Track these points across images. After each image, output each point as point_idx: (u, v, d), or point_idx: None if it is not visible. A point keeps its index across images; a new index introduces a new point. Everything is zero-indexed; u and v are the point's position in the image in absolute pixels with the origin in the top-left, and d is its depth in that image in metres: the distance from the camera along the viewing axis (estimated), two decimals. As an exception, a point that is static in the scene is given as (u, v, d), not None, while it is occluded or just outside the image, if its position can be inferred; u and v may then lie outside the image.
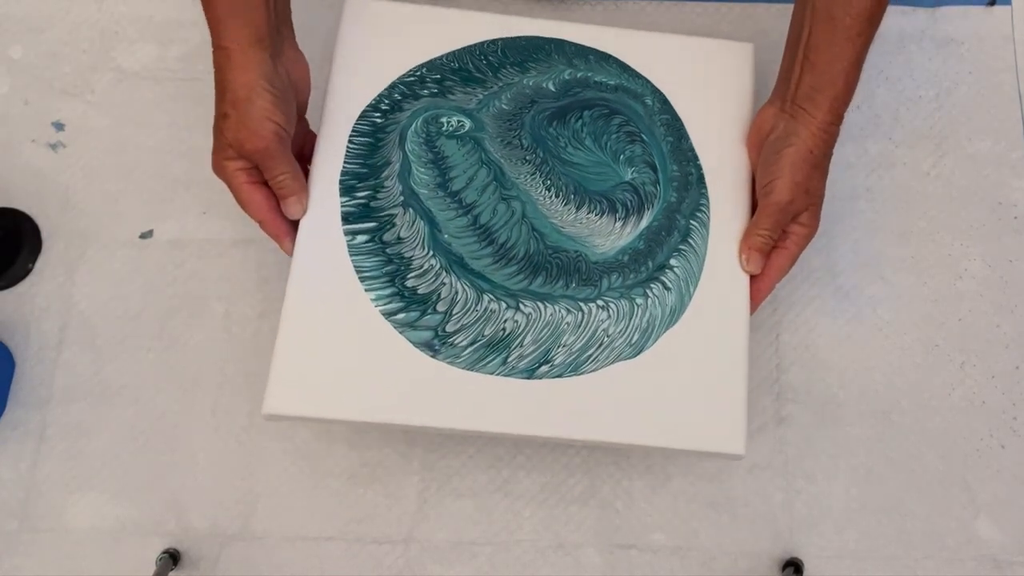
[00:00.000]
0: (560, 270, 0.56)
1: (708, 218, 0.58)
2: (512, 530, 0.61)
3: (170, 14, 0.73)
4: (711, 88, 0.61)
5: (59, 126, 0.70)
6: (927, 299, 0.64)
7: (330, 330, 0.54)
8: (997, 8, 0.71)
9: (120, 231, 0.67)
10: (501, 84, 0.61)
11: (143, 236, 0.67)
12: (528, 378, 0.54)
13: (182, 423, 0.63)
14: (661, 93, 0.61)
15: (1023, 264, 0.65)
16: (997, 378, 0.62)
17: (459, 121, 0.59)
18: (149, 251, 0.67)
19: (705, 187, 0.59)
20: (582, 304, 0.56)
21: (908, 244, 0.65)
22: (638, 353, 0.55)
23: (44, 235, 0.68)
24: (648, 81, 0.62)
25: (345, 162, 0.58)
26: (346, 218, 0.56)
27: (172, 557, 0.59)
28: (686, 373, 0.54)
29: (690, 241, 0.58)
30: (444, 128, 0.59)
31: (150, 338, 0.65)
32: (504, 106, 0.60)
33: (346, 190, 0.57)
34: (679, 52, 0.62)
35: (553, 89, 0.61)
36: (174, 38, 0.72)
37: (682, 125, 0.61)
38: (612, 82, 0.62)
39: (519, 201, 0.58)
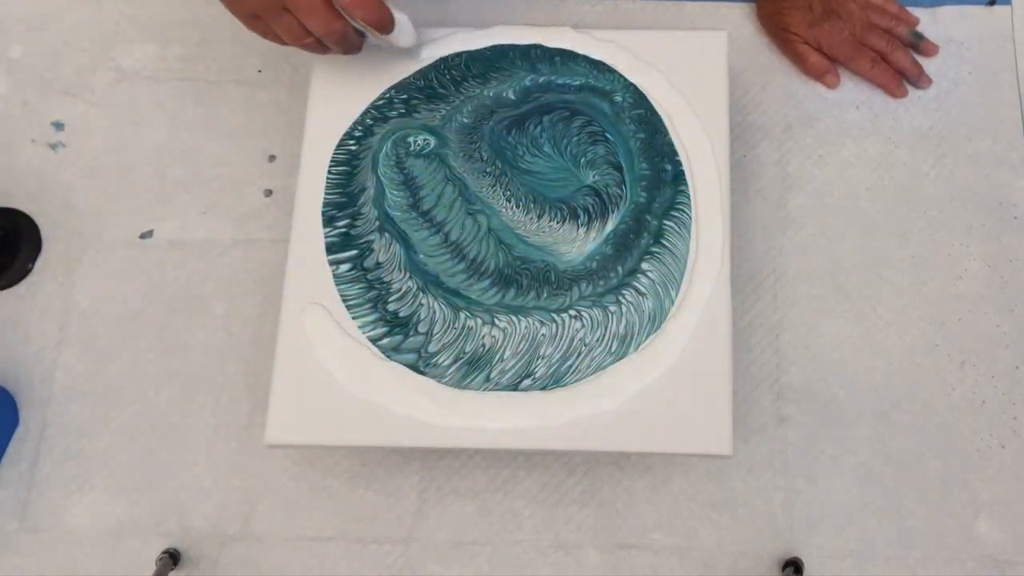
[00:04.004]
0: (530, 281, 0.56)
1: (689, 217, 0.57)
2: (512, 530, 0.61)
3: (170, 14, 0.73)
4: (686, 79, 0.60)
5: (59, 126, 0.70)
6: (927, 299, 0.64)
7: (323, 360, 0.55)
8: (997, 8, 0.71)
9: (120, 231, 0.67)
10: (463, 98, 0.61)
11: (143, 236, 0.67)
12: (513, 392, 0.54)
13: (182, 423, 0.63)
14: (635, 87, 0.60)
15: (1023, 264, 0.65)
16: (997, 378, 0.62)
17: (425, 139, 0.59)
18: (149, 251, 0.67)
19: (685, 184, 0.58)
20: (555, 315, 0.55)
21: (908, 244, 0.65)
22: (620, 360, 0.55)
23: (44, 235, 0.68)
24: (620, 76, 0.61)
25: (325, 193, 0.58)
26: (329, 248, 0.57)
27: (172, 557, 0.59)
28: (670, 377, 0.54)
29: (665, 242, 0.57)
30: (411, 148, 0.59)
31: (150, 338, 0.65)
32: (465, 120, 0.60)
33: (327, 220, 0.58)
34: (651, 46, 0.61)
35: (513, 97, 0.61)
36: (174, 38, 0.72)
37: (659, 119, 0.60)
38: (577, 82, 0.61)
39: (484, 215, 0.57)
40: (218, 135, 0.69)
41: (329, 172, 0.59)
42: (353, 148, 0.60)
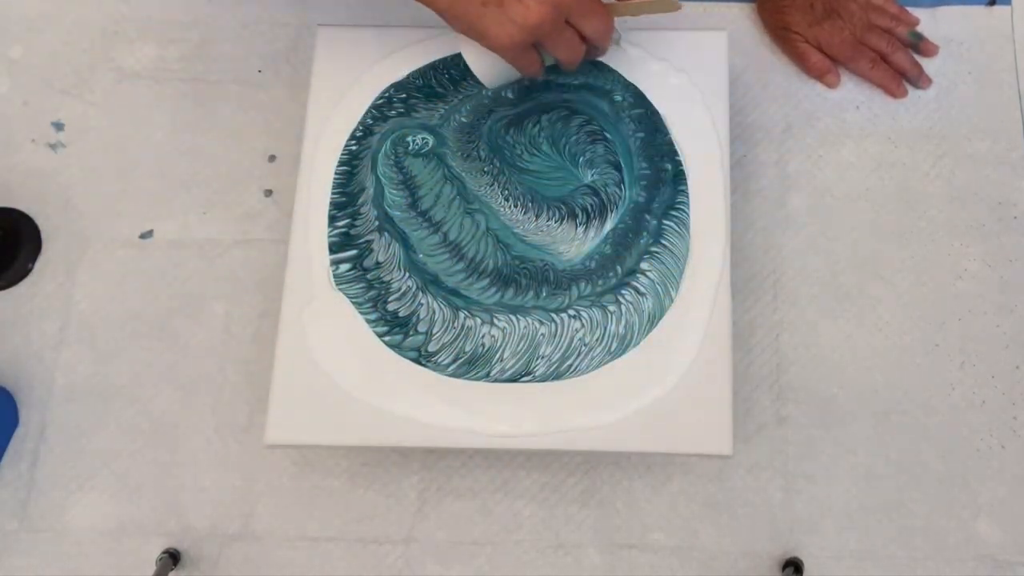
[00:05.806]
0: (529, 280, 0.56)
1: (688, 217, 0.57)
2: (512, 530, 0.61)
3: (170, 14, 0.73)
4: (686, 79, 0.60)
5: (59, 126, 0.70)
6: (927, 299, 0.64)
7: (323, 360, 0.55)
8: (997, 8, 0.71)
9: (120, 231, 0.67)
10: (461, 97, 0.61)
11: (143, 236, 0.67)
12: (513, 383, 0.54)
13: (182, 423, 0.63)
14: (634, 87, 0.60)
15: (1023, 264, 0.65)
16: (997, 378, 0.62)
17: (423, 139, 0.59)
18: (149, 251, 0.67)
19: (684, 184, 0.58)
20: (554, 315, 0.55)
21: (908, 244, 0.65)
22: (619, 360, 0.55)
23: (44, 235, 0.68)
24: (619, 75, 0.61)
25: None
26: (329, 248, 0.57)
27: (172, 557, 0.59)
28: (670, 377, 0.54)
29: (664, 242, 0.57)
30: (410, 147, 0.59)
31: (150, 338, 0.65)
32: (463, 119, 0.60)
33: (328, 220, 0.58)
34: (651, 46, 0.61)
35: (511, 96, 0.60)
36: (174, 38, 0.72)
37: (659, 119, 0.59)
38: (576, 81, 0.61)
39: (482, 214, 0.57)
40: (218, 135, 0.69)
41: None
42: (353, 148, 0.60)
